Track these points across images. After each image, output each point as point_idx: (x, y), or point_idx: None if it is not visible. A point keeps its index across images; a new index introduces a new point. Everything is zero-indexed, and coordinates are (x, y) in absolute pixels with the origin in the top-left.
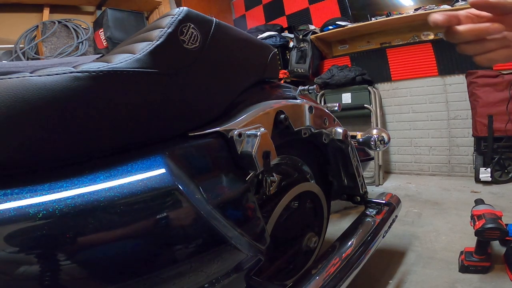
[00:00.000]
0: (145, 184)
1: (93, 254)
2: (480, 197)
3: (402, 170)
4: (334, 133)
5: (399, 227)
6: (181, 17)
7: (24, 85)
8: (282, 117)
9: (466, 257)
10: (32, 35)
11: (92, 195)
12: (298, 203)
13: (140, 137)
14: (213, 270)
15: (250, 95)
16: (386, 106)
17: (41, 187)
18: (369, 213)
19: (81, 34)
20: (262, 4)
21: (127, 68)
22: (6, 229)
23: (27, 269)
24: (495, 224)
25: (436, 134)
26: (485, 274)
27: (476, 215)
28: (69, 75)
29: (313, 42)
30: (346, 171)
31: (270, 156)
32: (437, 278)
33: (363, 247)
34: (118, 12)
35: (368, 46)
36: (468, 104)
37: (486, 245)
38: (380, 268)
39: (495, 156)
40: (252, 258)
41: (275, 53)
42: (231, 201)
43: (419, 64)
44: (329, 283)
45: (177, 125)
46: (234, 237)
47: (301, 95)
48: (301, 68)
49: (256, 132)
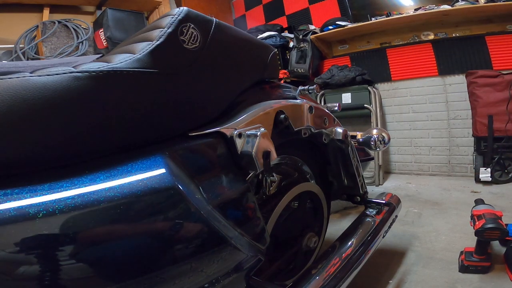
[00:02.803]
0: (145, 184)
1: (93, 254)
2: (480, 197)
3: (402, 170)
4: (334, 133)
5: (399, 227)
6: (181, 17)
7: (24, 85)
8: (282, 117)
9: (466, 257)
10: (32, 35)
11: (92, 195)
12: (298, 203)
13: (140, 137)
14: (213, 270)
15: (250, 95)
16: (386, 106)
17: (41, 187)
18: (369, 213)
19: (81, 34)
20: (262, 4)
21: (127, 68)
22: (6, 229)
23: (27, 269)
24: (495, 224)
25: (436, 134)
26: (485, 274)
27: (476, 215)
28: (69, 75)
29: (313, 42)
30: (346, 171)
31: (270, 156)
32: (437, 278)
33: (363, 247)
34: (118, 12)
35: (368, 46)
36: (468, 104)
37: (486, 245)
38: (380, 268)
39: (495, 156)
40: (252, 258)
41: (275, 53)
42: (231, 201)
43: (419, 64)
44: (329, 283)
45: (177, 125)
46: (234, 237)
47: (301, 95)
48: (301, 68)
49: (256, 132)
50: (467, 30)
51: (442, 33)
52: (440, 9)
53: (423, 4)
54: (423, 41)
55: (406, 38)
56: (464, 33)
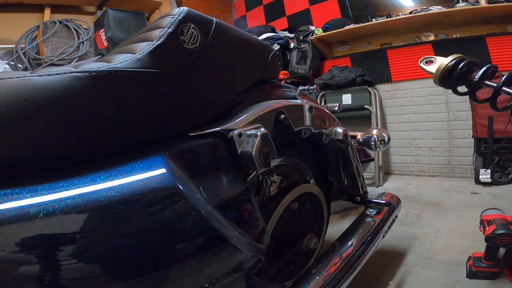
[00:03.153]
0: (145, 184)
1: (93, 254)
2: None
3: (402, 171)
4: (334, 133)
5: (399, 228)
6: (181, 17)
7: (24, 85)
8: (282, 117)
9: (474, 262)
10: (33, 35)
11: (92, 195)
12: (298, 204)
13: (140, 137)
14: (213, 270)
15: (250, 95)
16: (387, 107)
17: (41, 187)
18: (369, 213)
19: (82, 34)
20: (263, 4)
21: (128, 68)
22: (6, 229)
23: (27, 269)
24: (506, 230)
25: (436, 135)
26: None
27: (486, 220)
28: (69, 75)
29: (313, 43)
30: (346, 171)
31: (270, 156)
32: (436, 279)
33: (363, 247)
34: (119, 12)
35: (368, 47)
36: (468, 105)
37: (495, 250)
38: (380, 268)
39: (495, 157)
40: (252, 258)
41: (275, 53)
42: (231, 201)
43: None
44: (329, 283)
45: (177, 125)
46: (234, 237)
47: (301, 95)
48: (301, 69)
49: (256, 132)
50: (467, 31)
51: (442, 34)
52: (441, 10)
53: (424, 5)
54: (423, 42)
55: (406, 39)
56: (464, 34)
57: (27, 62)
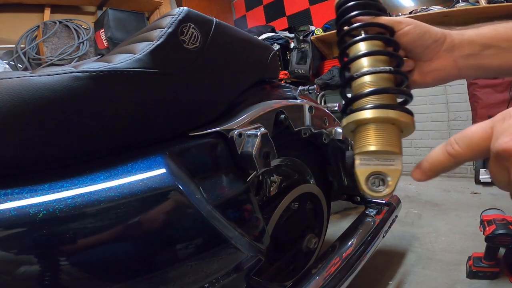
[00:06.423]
0: (145, 184)
1: (93, 254)
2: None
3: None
4: (334, 133)
5: (399, 228)
6: (181, 17)
7: (24, 85)
8: (282, 117)
9: (474, 262)
10: (33, 35)
11: (92, 195)
12: (298, 204)
13: (140, 137)
14: (213, 270)
15: (250, 95)
16: None
17: (41, 187)
18: (369, 213)
19: (82, 34)
20: (263, 4)
21: (128, 68)
22: (6, 229)
23: (27, 269)
24: (506, 230)
25: (436, 135)
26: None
27: (486, 220)
28: (69, 75)
29: (313, 43)
30: (346, 171)
31: (270, 156)
32: (436, 279)
33: (363, 247)
34: (119, 13)
35: None
36: (469, 105)
37: (495, 250)
38: (380, 268)
39: None
40: (252, 258)
41: (275, 53)
42: (231, 201)
43: None
44: (329, 283)
45: (177, 125)
46: (234, 237)
47: (301, 95)
48: (301, 69)
49: (256, 132)
50: None
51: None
52: (441, 11)
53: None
54: None
55: None
56: None
57: (27, 62)
